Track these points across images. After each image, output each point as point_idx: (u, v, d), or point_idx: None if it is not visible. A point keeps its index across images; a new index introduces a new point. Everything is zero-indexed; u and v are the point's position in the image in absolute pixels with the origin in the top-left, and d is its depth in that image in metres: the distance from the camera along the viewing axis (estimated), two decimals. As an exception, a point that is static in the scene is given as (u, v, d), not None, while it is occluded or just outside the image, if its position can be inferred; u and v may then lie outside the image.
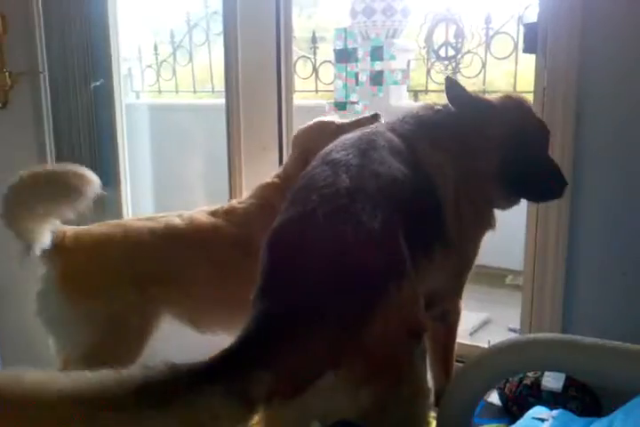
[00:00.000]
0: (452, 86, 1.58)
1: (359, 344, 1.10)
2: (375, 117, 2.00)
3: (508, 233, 1.80)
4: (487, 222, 1.62)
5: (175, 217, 1.92)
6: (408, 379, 1.18)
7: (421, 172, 1.42)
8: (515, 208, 2.08)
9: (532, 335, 1.07)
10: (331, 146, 1.45)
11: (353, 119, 2.06)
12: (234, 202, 2.06)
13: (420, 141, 1.49)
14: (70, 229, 1.81)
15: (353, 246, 1.15)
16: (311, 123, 2.09)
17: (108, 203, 2.89)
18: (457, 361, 1.71)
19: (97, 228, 1.86)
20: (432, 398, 1.39)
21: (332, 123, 2.03)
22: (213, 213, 1.96)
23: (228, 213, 1.96)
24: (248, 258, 1.78)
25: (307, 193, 1.27)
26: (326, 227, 1.18)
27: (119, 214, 2.92)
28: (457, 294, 1.62)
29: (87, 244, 1.78)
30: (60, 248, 1.75)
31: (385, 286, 1.13)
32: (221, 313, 1.92)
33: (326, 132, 1.97)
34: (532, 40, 1.99)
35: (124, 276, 1.77)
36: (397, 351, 1.16)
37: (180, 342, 1.95)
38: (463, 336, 2.06)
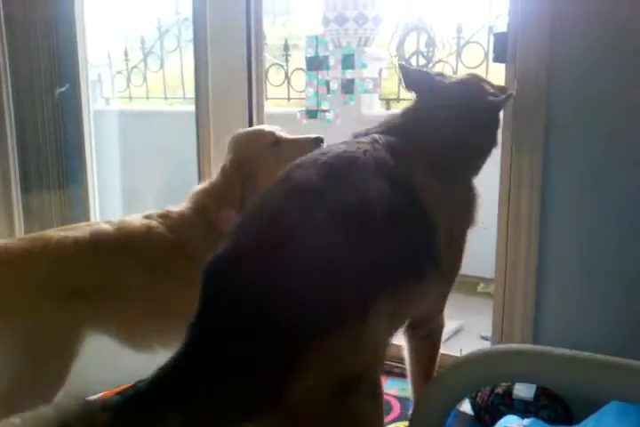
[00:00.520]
0: (408, 73, 1.64)
1: (279, 399, 1.02)
2: (317, 141, 1.92)
3: (480, 241, 1.80)
4: (473, 223, 1.57)
5: (103, 223, 1.82)
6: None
7: (411, 195, 1.33)
8: (486, 218, 2.09)
9: (502, 346, 1.06)
10: (305, 158, 1.33)
11: (295, 136, 1.98)
12: (168, 207, 1.96)
13: (416, 166, 1.40)
14: None
15: (287, 287, 1.07)
16: (250, 130, 2.03)
17: (76, 212, 2.84)
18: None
19: (15, 242, 1.74)
20: None
21: (272, 134, 1.94)
22: (147, 217, 1.87)
23: (163, 217, 1.87)
24: (183, 263, 1.76)
25: (250, 222, 1.21)
26: (257, 265, 1.10)
27: (87, 219, 2.86)
28: (442, 309, 1.58)
29: (2, 258, 1.66)
30: None
31: (313, 336, 1.04)
32: (157, 326, 1.81)
33: (264, 142, 1.91)
34: (502, 50, 2.01)
35: (43, 291, 1.64)
36: (324, 410, 1.06)
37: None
38: (435, 345, 2.04)
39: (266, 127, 1.99)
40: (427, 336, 1.60)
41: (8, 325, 1.60)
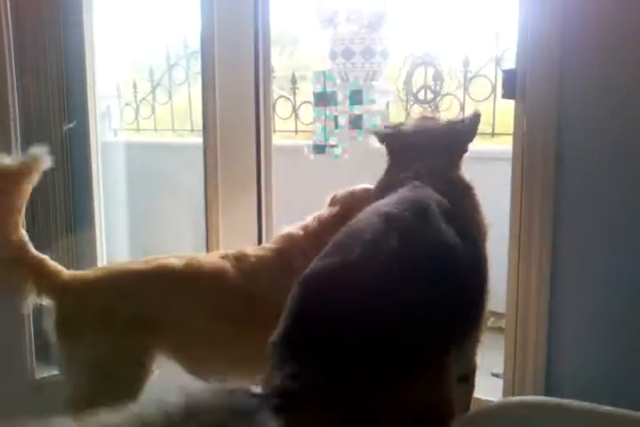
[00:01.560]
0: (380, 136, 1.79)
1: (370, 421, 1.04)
2: None
3: (490, 275, 1.77)
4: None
5: (172, 258, 1.87)
6: None
7: (470, 239, 1.39)
8: (496, 250, 2.08)
9: (517, 399, 1.02)
10: (385, 201, 1.39)
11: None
12: (248, 249, 1.99)
13: (463, 204, 1.50)
14: (68, 273, 1.82)
15: (390, 315, 1.09)
16: (358, 188, 2.03)
17: (82, 244, 2.83)
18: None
19: (92, 271, 1.87)
20: None
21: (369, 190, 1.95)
22: (223, 257, 1.91)
23: (237, 259, 1.90)
24: (252, 304, 1.81)
25: (351, 243, 1.21)
26: (365, 286, 1.12)
27: (93, 255, 2.85)
28: (477, 347, 1.58)
29: (81, 287, 1.78)
30: (59, 293, 1.77)
31: (413, 364, 1.08)
32: (224, 362, 1.87)
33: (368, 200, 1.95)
34: (511, 86, 2.00)
35: (116, 321, 1.74)
36: None
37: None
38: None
39: (367, 186, 2.00)
40: (462, 379, 1.55)
41: (81, 345, 1.73)
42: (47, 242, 2.64)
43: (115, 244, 2.97)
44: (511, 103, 2.04)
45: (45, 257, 1.79)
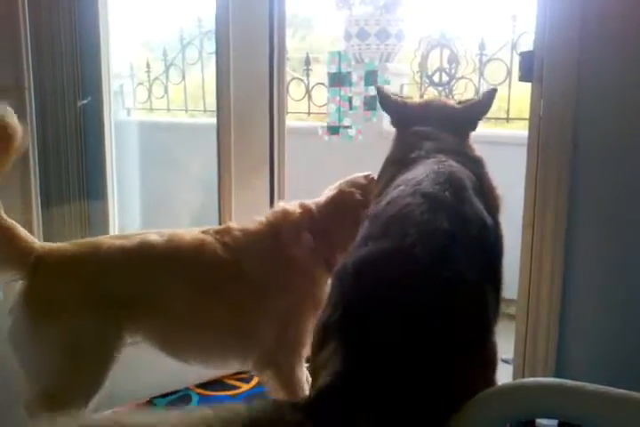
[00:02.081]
0: (384, 96, 1.80)
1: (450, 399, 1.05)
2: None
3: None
4: None
5: (153, 234, 1.81)
6: None
7: (493, 214, 1.41)
8: (507, 235, 2.07)
9: (531, 380, 1.03)
10: (420, 175, 1.36)
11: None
12: (230, 223, 1.97)
13: (484, 177, 1.51)
14: (41, 245, 1.72)
15: (454, 297, 1.10)
16: (363, 177, 2.02)
17: (95, 220, 2.85)
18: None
19: (69, 246, 1.75)
20: None
21: (369, 177, 1.99)
22: (204, 232, 1.87)
23: (220, 233, 1.86)
24: (233, 280, 1.78)
25: (402, 226, 1.19)
26: (425, 268, 1.11)
27: (105, 230, 2.87)
28: None
29: (57, 262, 1.69)
30: (28, 264, 1.66)
31: (482, 343, 1.11)
32: (196, 340, 1.84)
33: (369, 186, 1.94)
34: (528, 69, 1.98)
35: (89, 296, 1.67)
36: None
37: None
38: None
39: (359, 175, 2.03)
40: None
41: (54, 325, 1.63)
42: (61, 220, 2.66)
43: (126, 222, 2.99)
44: (526, 88, 2.02)
45: (16, 224, 1.67)
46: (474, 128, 1.75)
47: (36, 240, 1.72)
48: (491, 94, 1.75)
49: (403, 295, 1.08)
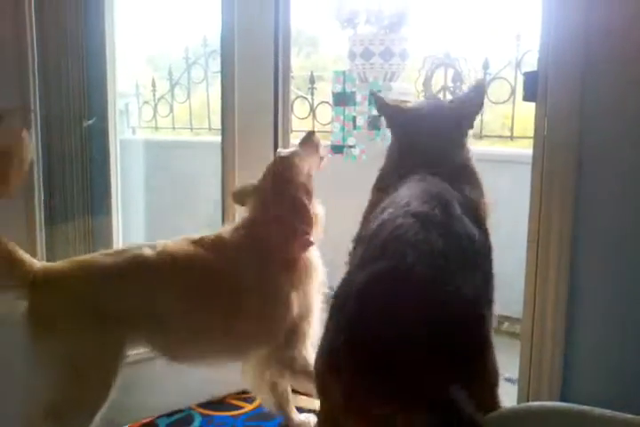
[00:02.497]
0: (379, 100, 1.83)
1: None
2: (310, 135, 2.13)
3: (505, 279, 1.76)
4: None
5: (145, 247, 1.87)
6: None
7: (479, 223, 1.44)
8: (511, 254, 2.06)
9: (537, 404, 1.02)
10: (405, 198, 1.39)
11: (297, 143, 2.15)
12: (221, 231, 2.03)
13: (465, 189, 1.53)
14: (40, 265, 1.78)
15: (455, 314, 1.12)
16: (291, 157, 2.10)
17: (99, 238, 2.84)
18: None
19: (65, 264, 1.82)
20: None
21: (290, 152, 2.11)
22: (195, 242, 1.93)
23: (209, 243, 1.93)
24: (228, 290, 1.85)
25: (399, 246, 1.20)
26: (427, 287, 1.13)
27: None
28: None
29: (52, 281, 1.75)
30: (30, 285, 1.72)
31: (482, 361, 1.15)
32: (197, 347, 1.91)
33: (304, 165, 2.07)
34: (532, 89, 1.98)
35: (87, 314, 1.73)
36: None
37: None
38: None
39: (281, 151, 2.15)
40: None
41: (53, 340, 1.69)
42: (65, 240, 2.65)
43: (131, 239, 2.98)
44: (529, 106, 2.02)
45: (15, 246, 1.73)
46: (471, 125, 1.77)
47: (34, 260, 1.78)
48: (479, 88, 1.79)
49: (406, 315, 1.09)
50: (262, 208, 2.03)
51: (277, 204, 1.99)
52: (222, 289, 1.86)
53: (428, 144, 1.67)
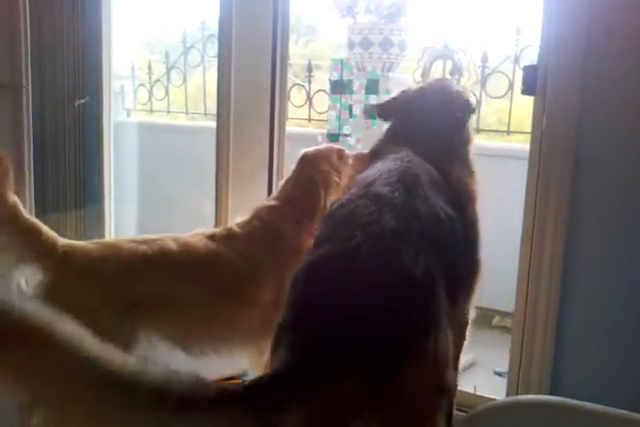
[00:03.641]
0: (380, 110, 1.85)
1: (389, 394, 1.06)
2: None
3: (496, 274, 1.76)
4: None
5: (170, 241, 1.88)
6: None
7: (458, 205, 1.43)
8: (504, 248, 2.06)
9: (528, 397, 1.01)
10: (373, 175, 1.41)
11: (353, 153, 2.08)
12: (233, 226, 2.02)
13: (451, 169, 1.53)
14: (64, 242, 1.79)
15: (397, 292, 1.12)
16: (321, 148, 2.09)
17: (91, 222, 2.83)
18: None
19: (92, 246, 1.83)
20: None
21: (342, 151, 2.04)
22: (211, 237, 1.93)
23: (227, 239, 1.93)
24: (246, 285, 1.87)
25: (349, 228, 1.23)
26: (371, 267, 1.15)
27: (101, 234, 2.85)
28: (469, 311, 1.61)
29: (81, 261, 1.76)
30: (52, 259, 1.73)
31: (424, 338, 1.10)
32: (211, 338, 1.92)
33: (333, 160, 2.01)
34: (531, 83, 1.98)
35: (109, 298, 1.75)
36: (427, 406, 1.13)
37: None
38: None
39: (334, 146, 2.11)
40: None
41: (73, 321, 1.66)
42: (56, 219, 2.64)
43: (123, 223, 2.97)
44: (527, 101, 2.01)
45: (38, 222, 1.75)
46: (473, 110, 1.79)
47: (58, 237, 1.78)
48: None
49: (347, 297, 1.11)
50: (281, 200, 2.03)
51: (294, 196, 2.00)
52: (237, 280, 1.88)
53: (423, 122, 1.69)
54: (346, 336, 1.06)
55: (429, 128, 1.68)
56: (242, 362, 2.19)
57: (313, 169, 1.99)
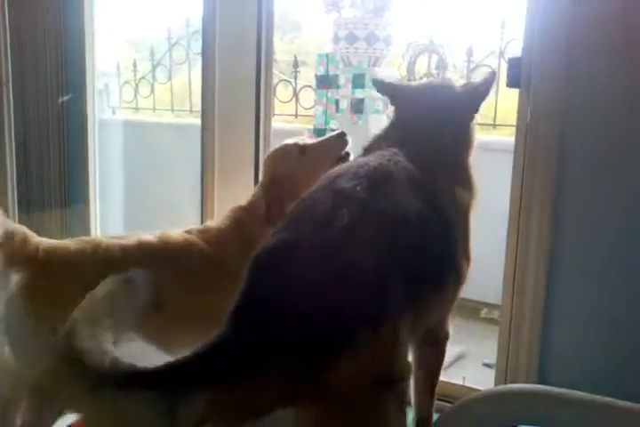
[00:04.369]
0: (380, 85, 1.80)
1: (319, 387, 1.07)
2: (341, 137, 2.00)
3: (483, 266, 1.77)
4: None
5: (148, 235, 1.89)
6: (379, 425, 1.13)
7: (439, 209, 1.41)
8: (490, 241, 2.06)
9: (514, 386, 1.01)
10: (343, 169, 1.40)
11: (319, 139, 2.06)
12: (208, 223, 2.05)
13: (436, 174, 1.49)
14: (43, 242, 1.78)
15: (333, 286, 1.12)
16: (279, 147, 2.07)
17: (76, 221, 2.81)
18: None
19: (69, 243, 1.82)
20: None
21: (296, 145, 2.01)
22: (188, 232, 1.95)
23: (202, 233, 1.95)
24: (220, 276, 1.83)
25: (301, 220, 1.25)
26: (310, 262, 1.15)
27: (86, 233, 2.83)
28: (448, 316, 1.60)
29: (59, 258, 1.75)
30: (32, 260, 1.72)
31: (357, 332, 1.09)
32: (189, 333, 1.81)
33: (292, 155, 1.99)
34: (516, 75, 1.98)
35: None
36: (365, 397, 1.12)
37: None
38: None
39: (288, 141, 2.05)
40: (434, 344, 1.60)
41: (53, 319, 1.64)
42: (40, 218, 2.62)
43: (108, 221, 2.95)
44: (513, 95, 2.01)
45: (13, 223, 1.75)
46: (475, 111, 1.74)
47: (35, 236, 1.77)
48: (491, 77, 1.73)
49: (285, 288, 1.13)
50: (250, 201, 2.03)
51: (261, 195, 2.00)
52: (213, 276, 1.87)
53: (419, 121, 1.66)
54: (277, 325, 1.07)
55: (425, 127, 1.64)
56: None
57: (269, 170, 2.01)
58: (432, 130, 1.63)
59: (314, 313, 1.08)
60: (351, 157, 1.99)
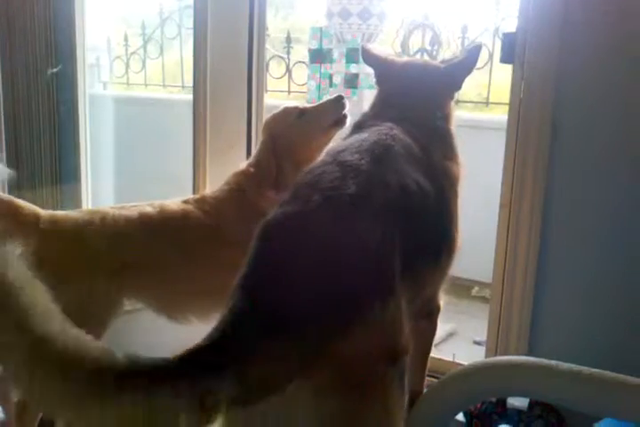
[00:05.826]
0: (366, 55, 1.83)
1: (333, 357, 1.07)
2: (338, 100, 2.04)
3: (475, 244, 1.77)
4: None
5: (146, 206, 1.92)
6: (380, 400, 1.13)
7: (435, 181, 1.43)
8: (483, 220, 2.06)
9: (502, 359, 1.02)
10: (345, 144, 1.42)
11: (317, 103, 2.11)
12: (206, 191, 2.11)
13: (430, 147, 1.51)
14: (47, 213, 1.80)
15: (346, 257, 1.13)
16: (277, 111, 2.11)
17: (67, 197, 2.79)
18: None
19: (75, 213, 1.87)
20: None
21: (296, 108, 2.06)
22: (185, 202, 1.99)
23: (199, 202, 1.98)
24: (218, 244, 1.89)
25: (310, 191, 1.24)
26: (322, 231, 1.15)
27: (78, 208, 2.81)
28: (440, 289, 1.61)
29: (64, 228, 1.78)
30: (36, 230, 1.74)
31: (371, 303, 1.10)
32: (193, 301, 1.95)
33: (291, 116, 2.04)
34: (510, 50, 1.96)
35: (98, 263, 1.78)
36: (371, 371, 1.12)
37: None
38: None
39: (288, 104, 2.12)
40: (426, 316, 1.61)
41: (59, 287, 1.66)
42: (32, 194, 2.60)
43: (100, 197, 2.94)
44: (507, 72, 2.00)
45: (13, 198, 1.78)
46: (458, 88, 1.76)
47: (39, 209, 1.80)
48: (476, 51, 1.72)
49: (295, 258, 1.12)
50: (248, 164, 2.08)
51: (257, 161, 2.05)
52: (212, 245, 1.91)
53: (407, 98, 1.67)
54: (286, 298, 1.07)
55: (414, 104, 1.66)
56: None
57: (267, 134, 2.05)
58: (422, 107, 1.65)
59: (327, 283, 1.08)
60: (348, 120, 2.04)
